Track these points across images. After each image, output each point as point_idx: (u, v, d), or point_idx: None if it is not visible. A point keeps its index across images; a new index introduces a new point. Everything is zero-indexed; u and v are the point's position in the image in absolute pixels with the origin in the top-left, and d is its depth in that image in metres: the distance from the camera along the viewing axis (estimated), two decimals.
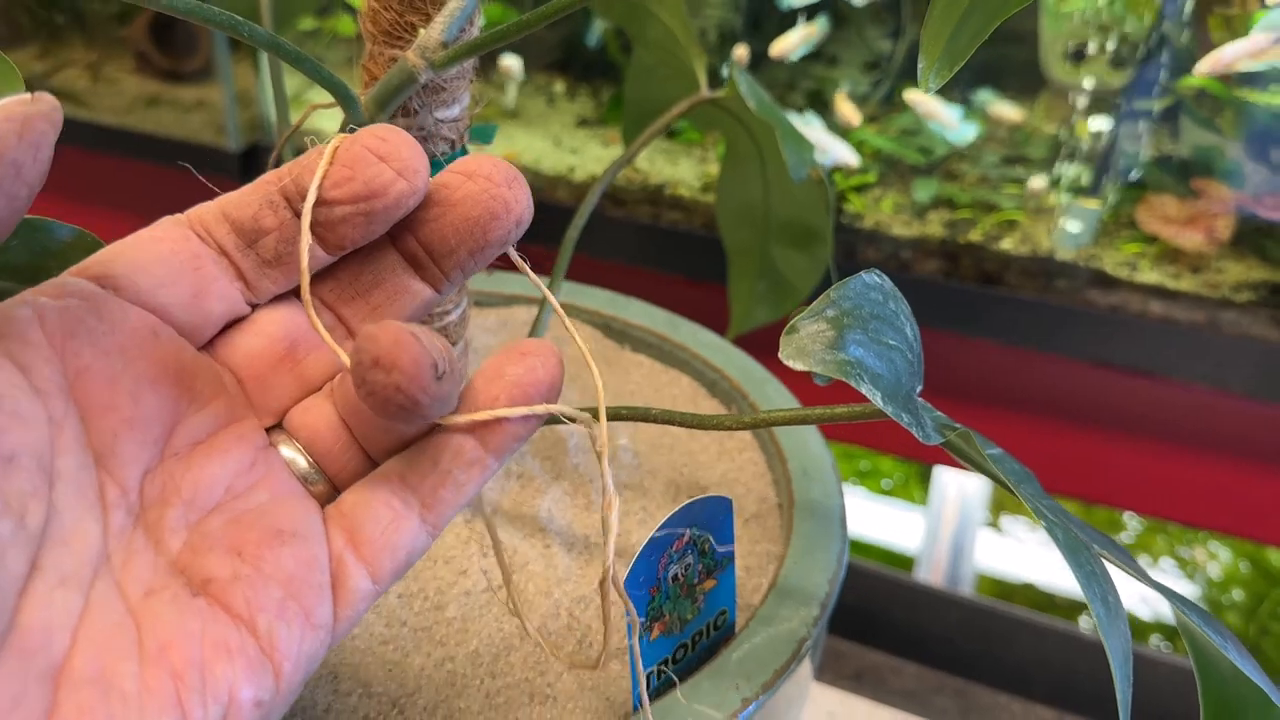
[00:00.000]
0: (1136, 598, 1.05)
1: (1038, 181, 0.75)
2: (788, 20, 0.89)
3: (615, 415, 0.37)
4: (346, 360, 0.24)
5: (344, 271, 0.28)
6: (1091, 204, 0.71)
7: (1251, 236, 0.71)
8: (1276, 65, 0.60)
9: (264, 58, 0.80)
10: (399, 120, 0.37)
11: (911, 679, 0.77)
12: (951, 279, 0.72)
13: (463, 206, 0.26)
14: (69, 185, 1.06)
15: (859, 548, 1.11)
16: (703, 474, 0.47)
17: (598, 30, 0.92)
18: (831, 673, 0.77)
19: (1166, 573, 1.09)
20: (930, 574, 0.97)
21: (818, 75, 0.87)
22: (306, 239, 0.26)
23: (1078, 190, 0.73)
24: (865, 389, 0.26)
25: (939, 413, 0.34)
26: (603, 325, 0.56)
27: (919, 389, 0.32)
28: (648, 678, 0.35)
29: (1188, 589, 1.07)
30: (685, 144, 0.85)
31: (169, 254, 0.26)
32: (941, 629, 0.74)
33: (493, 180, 0.26)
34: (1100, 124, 0.73)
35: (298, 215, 0.26)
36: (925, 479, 1.21)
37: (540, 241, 0.48)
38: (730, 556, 0.37)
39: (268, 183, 0.26)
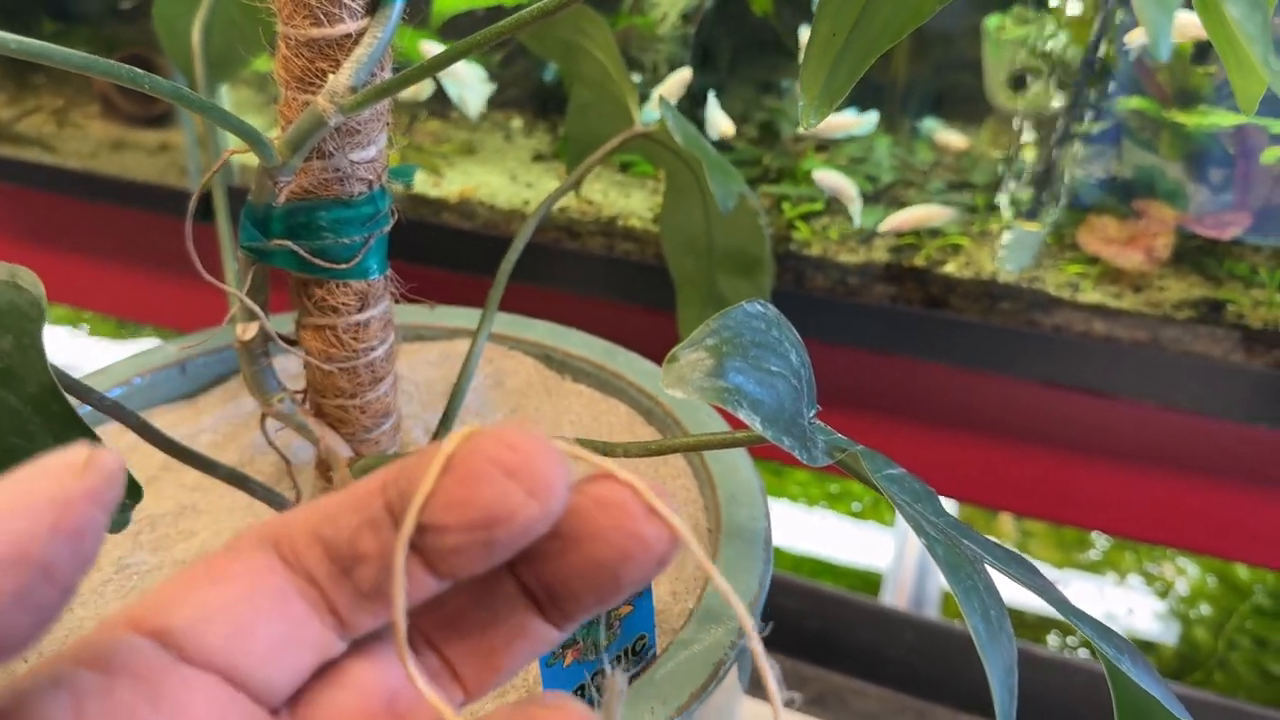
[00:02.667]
0: (1103, 614, 1.06)
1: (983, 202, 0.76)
2: (740, 54, 0.91)
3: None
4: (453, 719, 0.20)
5: (453, 602, 0.23)
6: (1032, 226, 0.73)
7: (1192, 255, 0.72)
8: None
9: (220, 101, 0.81)
10: (314, 162, 0.38)
11: (873, 701, 0.77)
12: (898, 303, 0.73)
13: (590, 545, 0.21)
14: (33, 229, 1.07)
15: (829, 570, 1.11)
16: None
17: (554, 67, 0.93)
18: (791, 693, 0.77)
19: (1134, 589, 1.09)
20: (896, 595, 0.98)
21: (770, 107, 0.88)
22: (401, 579, 0.20)
23: (1019, 213, 0.74)
24: (744, 414, 0.27)
25: (838, 436, 0.34)
26: (543, 356, 0.57)
27: (812, 412, 0.32)
28: None
29: (1156, 605, 1.08)
30: (638, 177, 0.86)
31: (248, 594, 0.20)
32: (901, 651, 0.75)
33: (628, 513, 0.20)
34: (1039, 148, 0.74)
35: None
36: None
37: (492, 274, 0.49)
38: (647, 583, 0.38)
39: (370, 493, 0.21)
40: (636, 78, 0.85)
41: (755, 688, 0.77)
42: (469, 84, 0.77)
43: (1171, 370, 0.68)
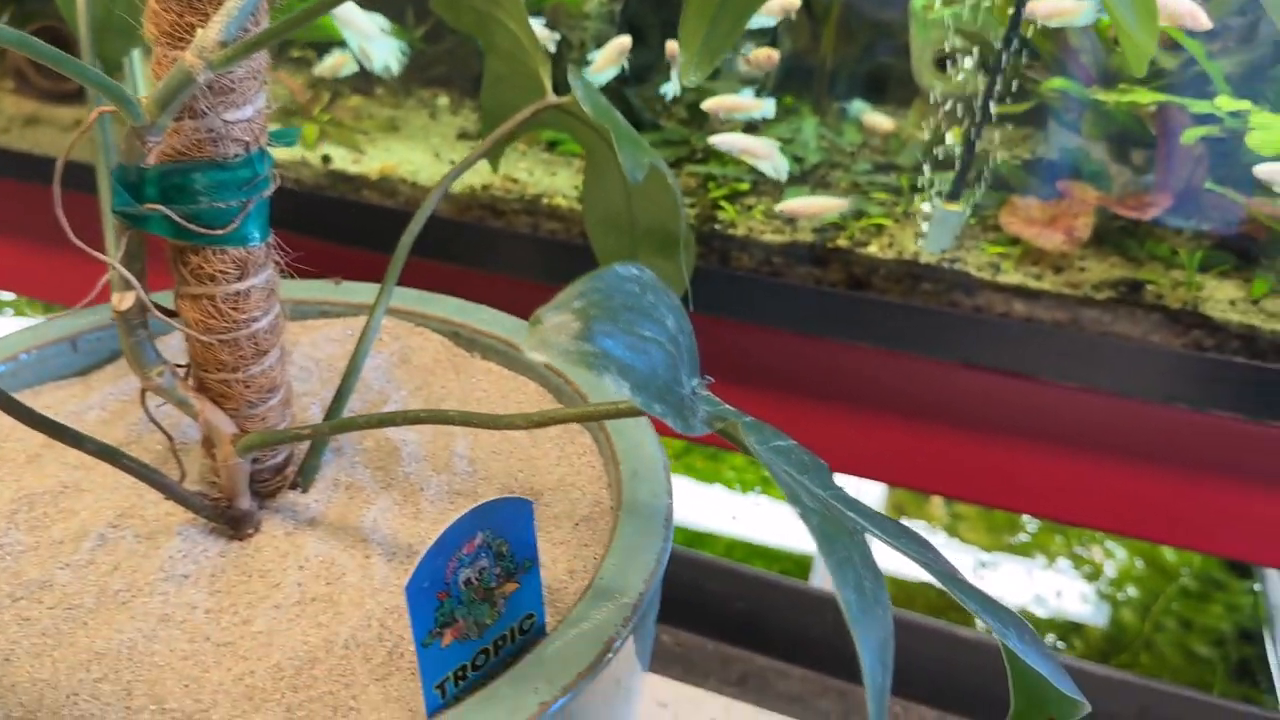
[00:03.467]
0: (1031, 597, 1.06)
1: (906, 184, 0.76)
2: (669, 31, 0.90)
3: (414, 419, 0.37)
4: None
5: None
6: (954, 207, 0.72)
7: (1114, 236, 0.72)
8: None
9: (134, 74, 0.78)
10: (186, 122, 0.37)
11: (796, 682, 0.77)
12: (822, 284, 0.72)
13: None
14: None
15: (761, 554, 1.11)
16: (539, 479, 0.47)
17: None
18: (716, 679, 0.77)
19: (1063, 572, 1.10)
20: (824, 578, 0.98)
21: (700, 88, 0.87)
22: None
23: (941, 194, 0.73)
24: (611, 379, 0.26)
25: (725, 406, 0.34)
26: (451, 333, 0.55)
27: (695, 381, 0.32)
28: (443, 684, 0.35)
29: (1084, 588, 1.09)
30: (565, 155, 0.85)
31: None
32: (824, 631, 0.75)
33: None
34: (961, 129, 0.74)
35: None
36: None
37: (414, 253, 0.48)
38: (533, 560, 0.37)
39: None
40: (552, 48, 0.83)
41: (707, 678, 0.76)
42: (370, 36, 0.75)
43: (1091, 351, 0.68)
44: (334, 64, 0.82)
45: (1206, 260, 0.69)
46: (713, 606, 0.79)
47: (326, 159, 0.78)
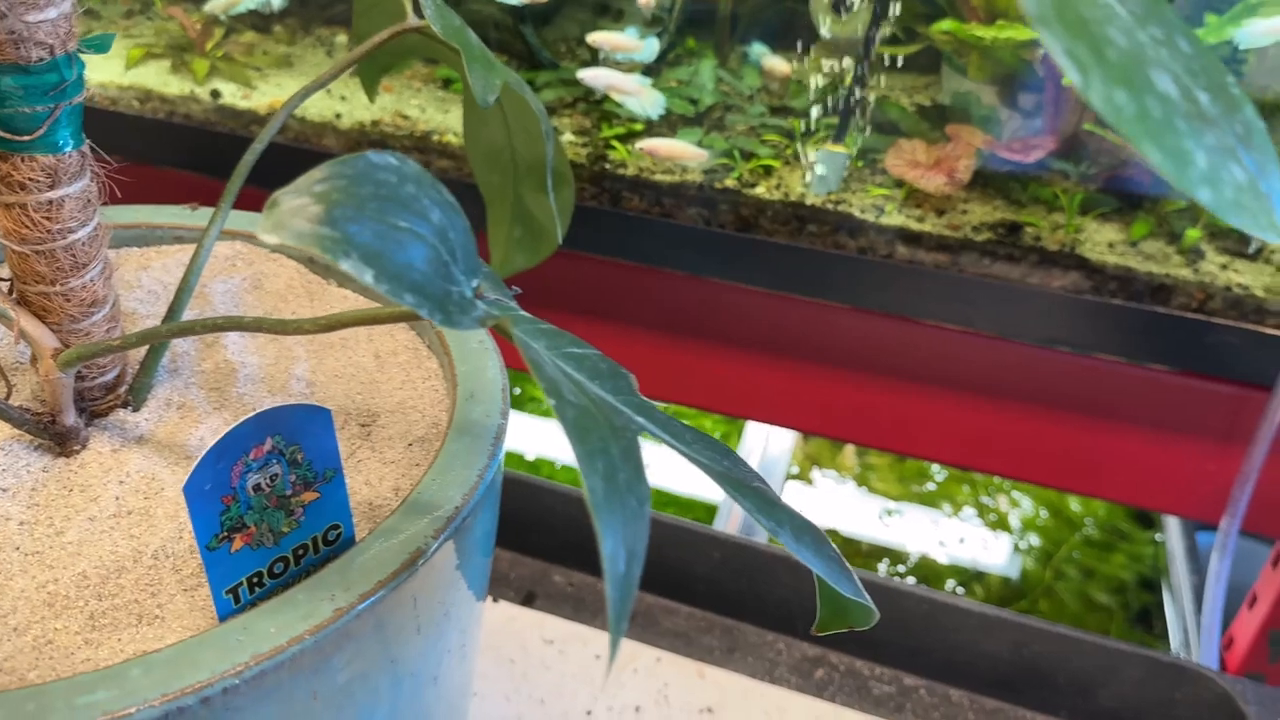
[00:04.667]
0: (935, 544, 1.08)
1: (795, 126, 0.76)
2: None
3: (211, 327, 0.37)
4: None
5: None
6: (839, 149, 0.73)
7: (998, 180, 0.73)
8: None
9: None
10: None
11: (683, 620, 0.78)
12: (711, 226, 0.72)
13: None
14: None
15: (673, 501, 1.12)
16: (379, 401, 0.47)
17: None
18: (604, 617, 0.77)
19: (968, 521, 1.12)
20: (728, 523, 0.99)
21: (605, 28, 0.87)
22: None
23: (827, 136, 0.74)
24: (350, 265, 0.26)
25: (511, 306, 0.34)
26: (306, 259, 0.55)
27: (472, 281, 0.31)
28: (236, 590, 0.35)
29: (988, 536, 1.11)
30: (458, 93, 0.84)
31: None
32: (708, 569, 0.75)
33: None
34: (844, 70, 0.74)
35: None
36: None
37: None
38: (335, 470, 0.37)
39: None
40: None
41: (594, 616, 0.77)
42: None
43: (971, 293, 0.69)
44: (226, 1, 0.80)
45: (1087, 203, 0.70)
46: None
47: (216, 94, 0.77)
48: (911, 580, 0.98)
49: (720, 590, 0.76)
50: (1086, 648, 0.69)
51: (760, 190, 0.72)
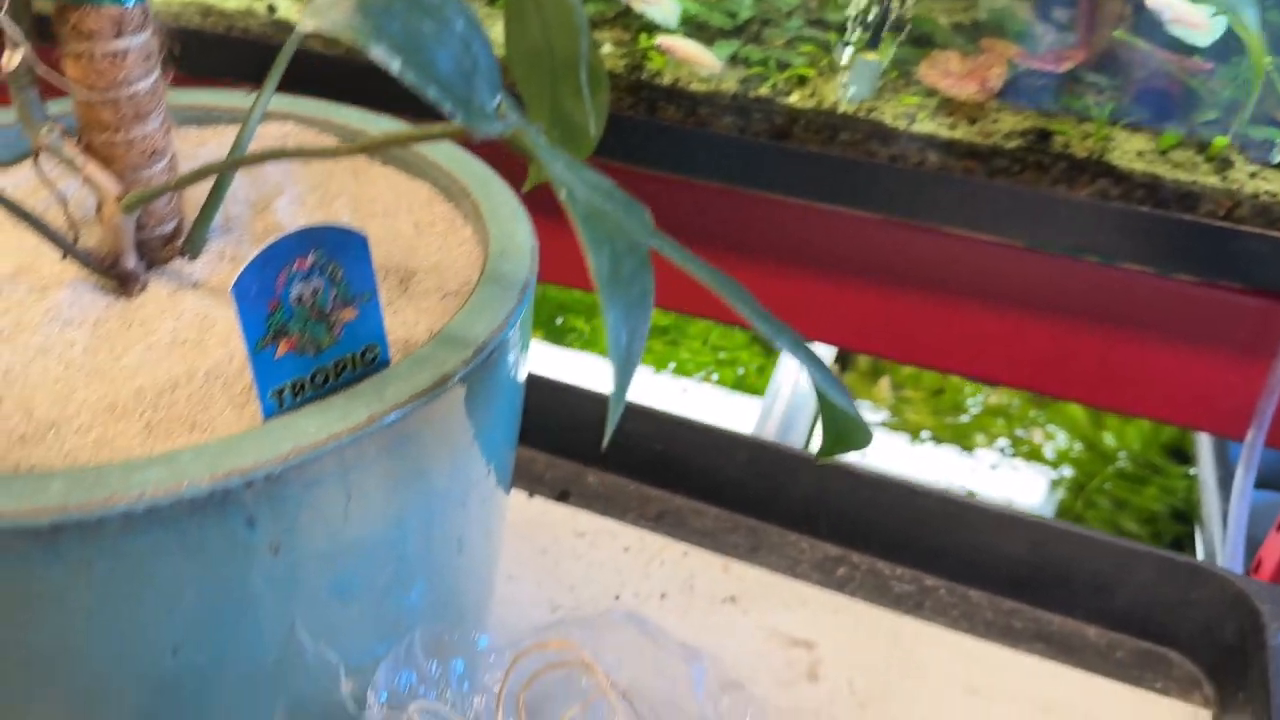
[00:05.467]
0: (968, 474, 1.09)
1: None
2: None
3: (260, 158, 0.40)
4: None
5: None
6: (872, 57, 0.74)
7: (1029, 91, 0.74)
8: None
9: None
10: None
11: (710, 520, 0.80)
12: (745, 135, 0.74)
13: None
14: None
15: None
16: (417, 262, 0.50)
17: None
18: (636, 513, 0.80)
19: (1002, 452, 1.13)
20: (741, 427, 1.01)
21: None
22: None
23: (862, 45, 0.75)
24: (379, 51, 0.29)
25: (539, 134, 0.36)
26: (351, 138, 0.58)
27: (494, 99, 0.34)
28: (280, 393, 0.38)
29: (1022, 466, 1.12)
30: (499, 8, 0.86)
31: None
32: (735, 471, 0.78)
33: None
34: None
35: None
36: None
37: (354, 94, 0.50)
38: (372, 293, 0.39)
39: None
40: None
41: (625, 512, 0.79)
42: None
43: (1000, 200, 0.70)
44: None
45: (1117, 114, 0.71)
46: (634, 449, 0.82)
47: (271, 9, 0.81)
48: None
49: (746, 492, 0.79)
50: (1104, 548, 0.70)
51: (794, 99, 0.73)
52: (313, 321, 0.38)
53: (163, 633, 0.37)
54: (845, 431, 0.39)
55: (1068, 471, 1.07)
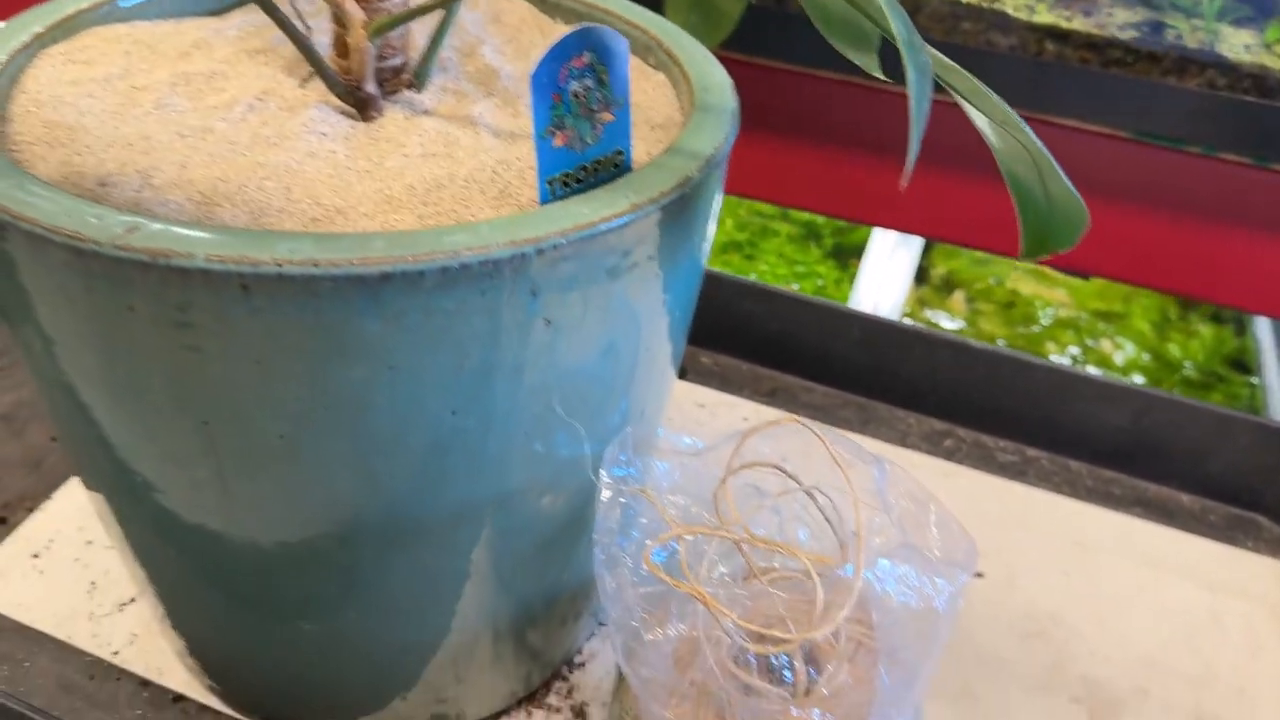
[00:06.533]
0: None
1: None
2: None
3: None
4: None
5: None
6: None
7: None
8: None
9: None
10: None
11: (820, 397, 0.85)
12: None
13: None
14: None
15: None
16: None
17: None
18: (750, 390, 0.85)
19: (1074, 359, 1.18)
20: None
21: None
22: None
23: None
24: None
25: None
26: (538, 0, 0.62)
27: None
28: (553, 183, 0.42)
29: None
30: None
31: None
32: (847, 349, 0.82)
33: None
34: None
35: None
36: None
37: None
38: (625, 99, 0.44)
39: None
40: None
41: (741, 389, 0.84)
42: None
43: (1113, 89, 0.74)
44: None
45: (1225, 10, 0.75)
46: (749, 328, 0.86)
47: None
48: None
49: (856, 369, 0.83)
50: (1202, 415, 0.75)
51: None
52: (581, 118, 0.42)
53: (448, 392, 0.41)
54: (1051, 224, 0.43)
55: (1139, 379, 1.11)
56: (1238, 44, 0.74)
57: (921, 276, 1.24)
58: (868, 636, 0.50)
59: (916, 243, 1.21)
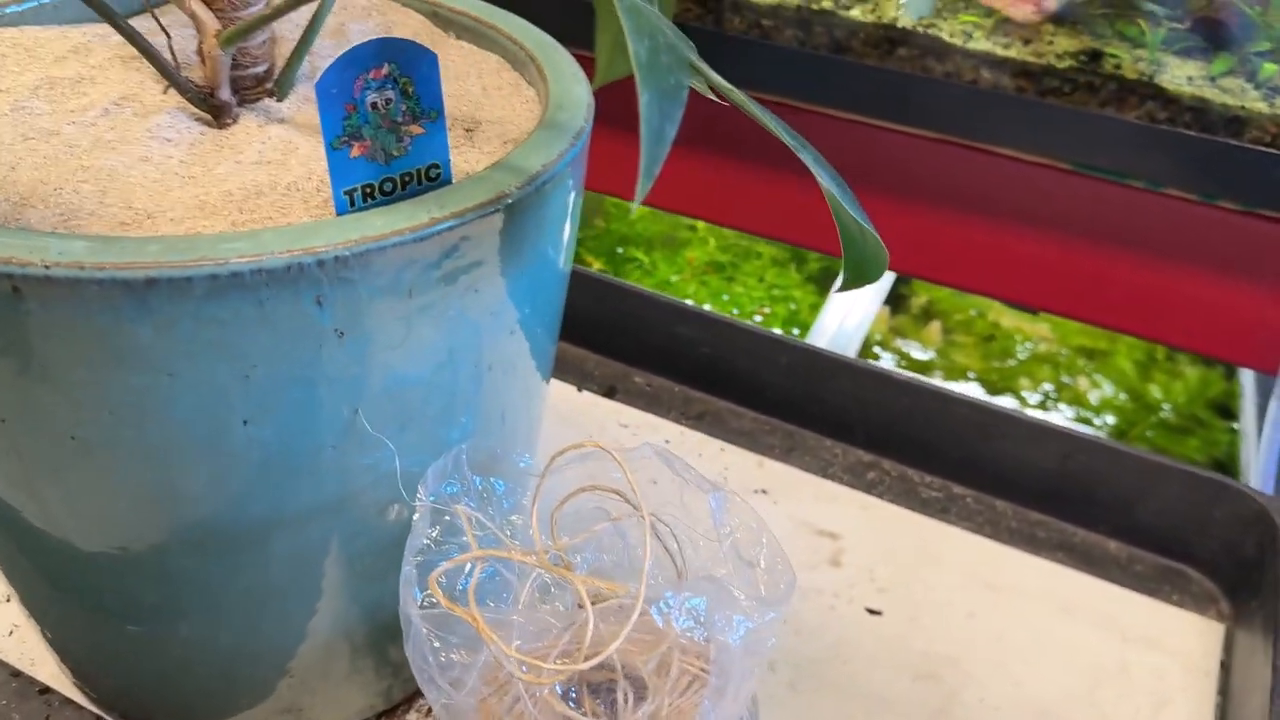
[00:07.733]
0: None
1: None
2: None
3: None
4: None
5: None
6: None
7: (1085, 16, 0.75)
8: None
9: None
10: None
11: (749, 422, 0.83)
12: (805, 47, 0.77)
13: None
14: None
15: None
16: (483, 115, 0.54)
17: None
18: (678, 412, 0.84)
19: (1047, 395, 1.14)
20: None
21: None
22: None
23: None
24: None
25: None
26: (431, 13, 0.62)
27: None
28: (352, 193, 0.42)
29: (1066, 411, 1.13)
30: None
31: None
32: (776, 376, 0.81)
33: None
34: None
35: None
36: None
37: None
38: (439, 112, 0.43)
39: None
40: None
41: (669, 410, 0.82)
42: None
43: (1050, 118, 0.72)
44: None
45: (1170, 40, 0.72)
46: (681, 351, 0.85)
47: None
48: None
49: (784, 396, 0.82)
50: (1130, 461, 0.72)
51: (855, 12, 0.76)
52: (384, 130, 0.42)
53: (235, 402, 0.41)
54: (864, 259, 0.42)
55: (1110, 419, 1.08)
56: (1180, 76, 0.71)
57: (900, 304, 1.22)
58: (705, 671, 0.49)
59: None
